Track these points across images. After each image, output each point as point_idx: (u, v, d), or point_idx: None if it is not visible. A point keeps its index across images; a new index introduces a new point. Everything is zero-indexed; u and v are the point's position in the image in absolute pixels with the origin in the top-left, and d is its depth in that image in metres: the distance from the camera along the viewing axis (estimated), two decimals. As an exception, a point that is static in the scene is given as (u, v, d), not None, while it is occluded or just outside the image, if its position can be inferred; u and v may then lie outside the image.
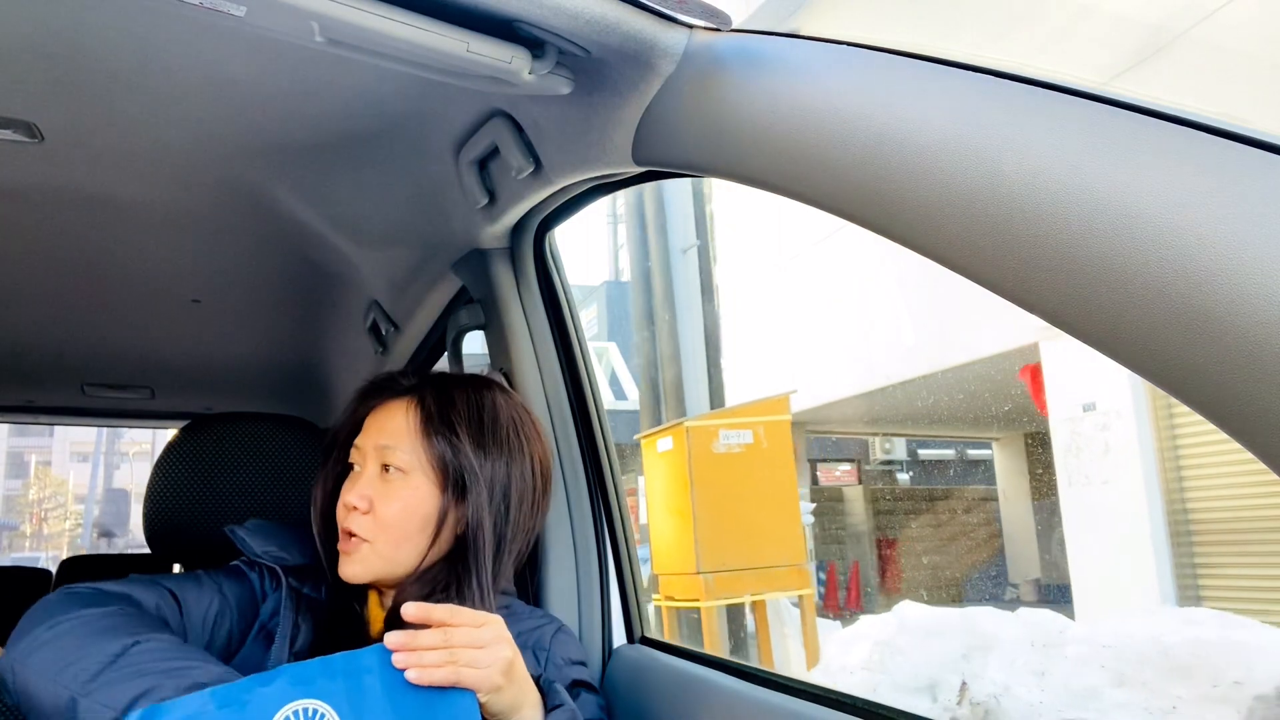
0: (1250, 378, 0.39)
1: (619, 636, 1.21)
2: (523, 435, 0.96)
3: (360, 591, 0.95)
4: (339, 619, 0.92)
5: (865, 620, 5.22)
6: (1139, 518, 5.36)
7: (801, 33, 0.68)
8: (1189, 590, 5.17)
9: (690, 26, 0.76)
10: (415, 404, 0.92)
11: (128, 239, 1.46)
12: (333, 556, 0.93)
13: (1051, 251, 0.46)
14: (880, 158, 0.56)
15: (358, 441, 0.94)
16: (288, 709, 0.65)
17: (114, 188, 1.26)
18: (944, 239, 0.53)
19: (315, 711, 0.66)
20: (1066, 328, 0.47)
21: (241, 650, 0.90)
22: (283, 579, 0.93)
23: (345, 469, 0.95)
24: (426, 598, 0.87)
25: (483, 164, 1.10)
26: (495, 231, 1.20)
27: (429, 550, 0.91)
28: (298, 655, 0.88)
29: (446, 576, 0.90)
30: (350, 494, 0.90)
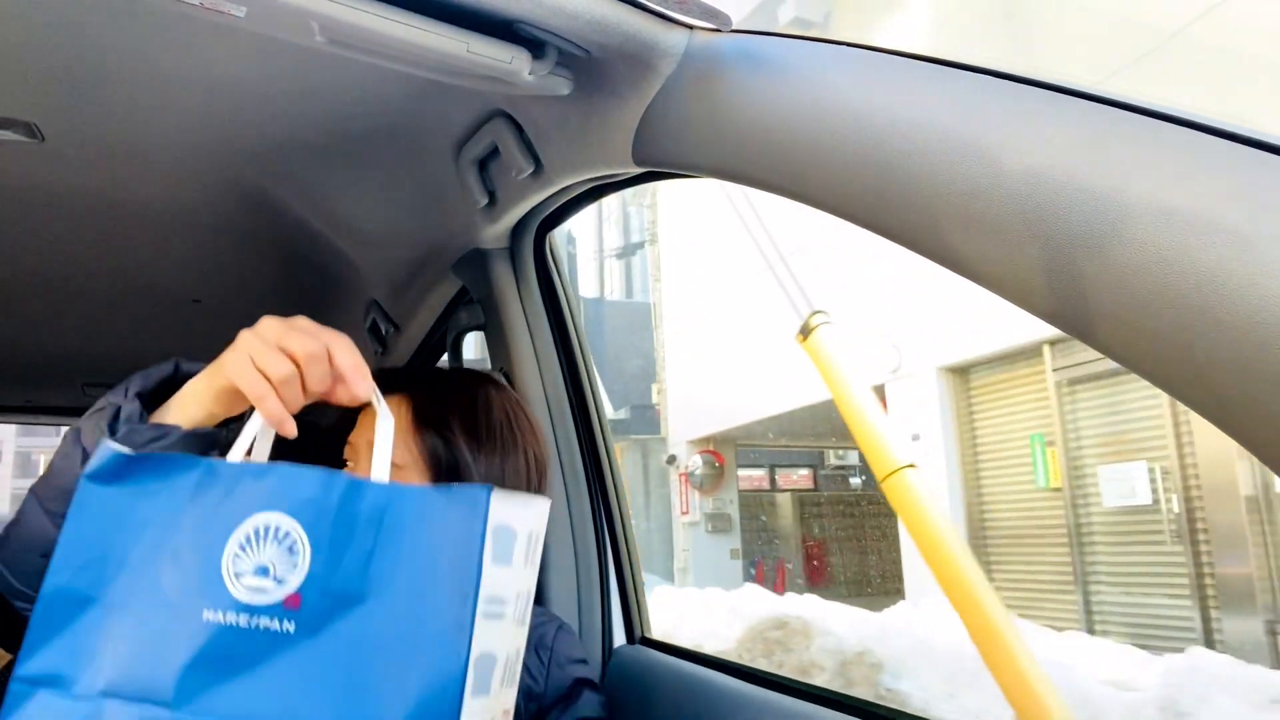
0: (1251, 378, 0.39)
1: (619, 636, 1.21)
2: (516, 430, 0.95)
3: None
4: None
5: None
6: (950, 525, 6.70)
7: (801, 33, 0.68)
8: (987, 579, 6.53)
9: (690, 27, 0.76)
10: (407, 400, 0.91)
11: (128, 239, 1.46)
12: None
13: (1052, 252, 0.46)
14: (880, 158, 0.56)
15: (351, 438, 0.93)
16: (261, 519, 0.61)
17: (114, 188, 1.26)
18: (944, 239, 0.53)
19: (287, 535, 0.60)
20: (1067, 328, 0.47)
21: None
22: None
23: (339, 465, 0.95)
24: None
25: (483, 164, 1.10)
26: (495, 232, 1.20)
27: None
28: None
29: None
30: None
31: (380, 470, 0.68)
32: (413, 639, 0.57)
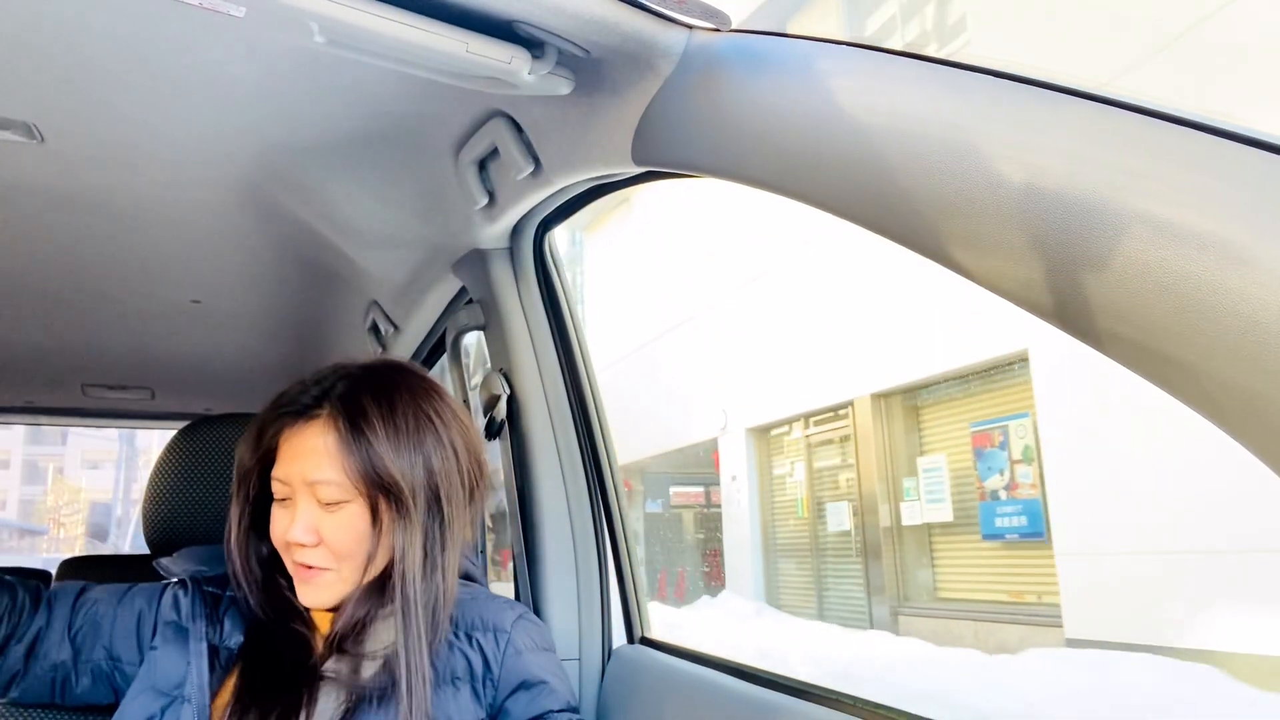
0: (1251, 378, 0.39)
1: (619, 636, 1.21)
2: (438, 422, 0.90)
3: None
4: (278, 630, 0.90)
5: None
6: (749, 540, 9.84)
7: (802, 33, 0.68)
8: (772, 580, 9.74)
9: (690, 27, 0.76)
10: (330, 424, 0.86)
11: (128, 239, 1.46)
12: (267, 584, 0.91)
13: (1052, 252, 0.46)
14: (880, 158, 0.56)
15: (279, 473, 0.87)
16: None
17: (114, 188, 1.26)
18: (944, 239, 0.53)
19: None
20: (1067, 328, 0.47)
21: (157, 652, 0.89)
22: (192, 586, 0.93)
23: (262, 497, 0.91)
24: (368, 612, 0.87)
25: (482, 164, 1.10)
26: (495, 232, 1.20)
27: (367, 566, 0.88)
28: (228, 651, 0.89)
29: (388, 586, 0.87)
30: (293, 529, 0.84)
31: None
32: None
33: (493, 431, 1.25)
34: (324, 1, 0.68)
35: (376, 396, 0.88)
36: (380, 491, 0.85)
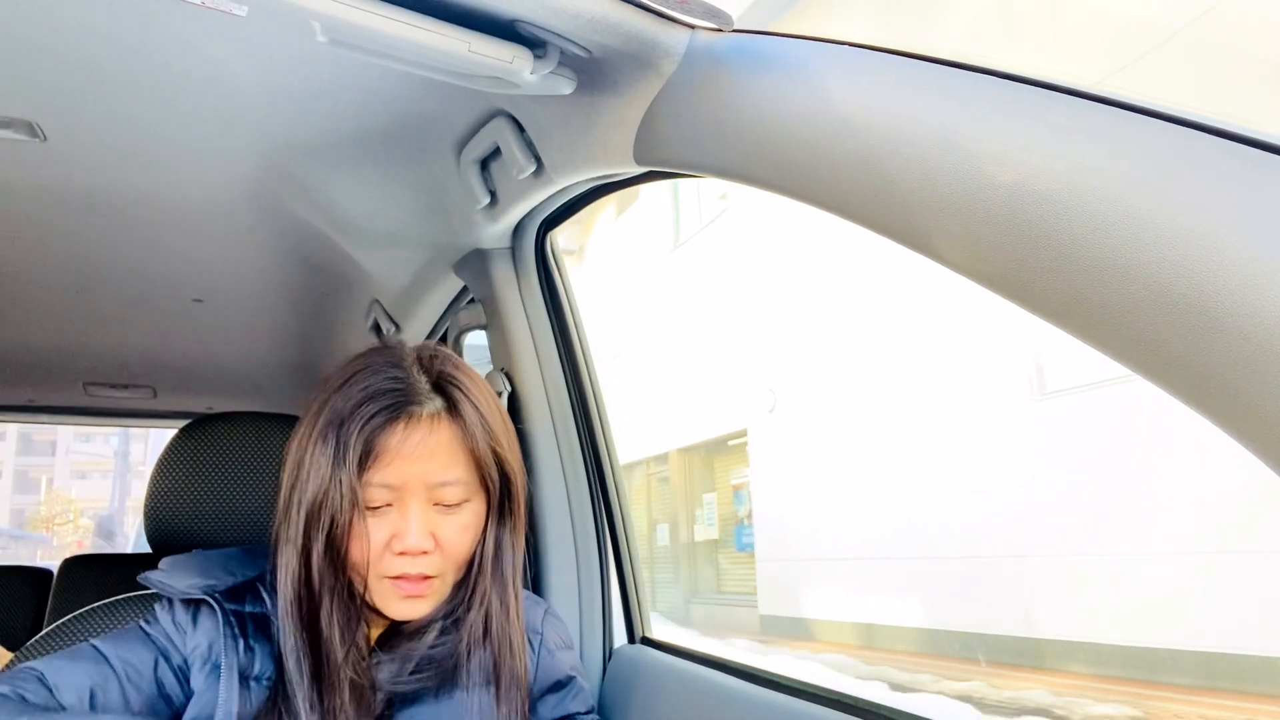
0: (1251, 378, 0.39)
1: (619, 636, 1.21)
2: (496, 399, 0.86)
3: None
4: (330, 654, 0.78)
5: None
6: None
7: (803, 33, 0.68)
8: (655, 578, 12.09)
9: (692, 27, 0.76)
10: (448, 418, 0.79)
11: (129, 239, 1.46)
12: (335, 599, 0.78)
13: (1052, 252, 0.46)
14: (882, 158, 0.56)
15: (384, 478, 0.76)
16: None
17: (115, 187, 1.26)
18: (945, 239, 0.53)
19: None
20: (1068, 328, 0.47)
21: (197, 690, 0.79)
22: (216, 608, 0.81)
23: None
24: (444, 607, 0.83)
25: (484, 164, 1.10)
26: (497, 231, 1.20)
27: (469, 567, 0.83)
28: (255, 681, 0.79)
29: (472, 582, 0.83)
30: (411, 537, 0.76)
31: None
32: None
33: (494, 431, 1.25)
34: (326, 1, 0.68)
35: (472, 384, 0.82)
36: (500, 486, 0.82)
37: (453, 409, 0.80)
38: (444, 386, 0.81)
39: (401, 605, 0.79)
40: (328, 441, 0.76)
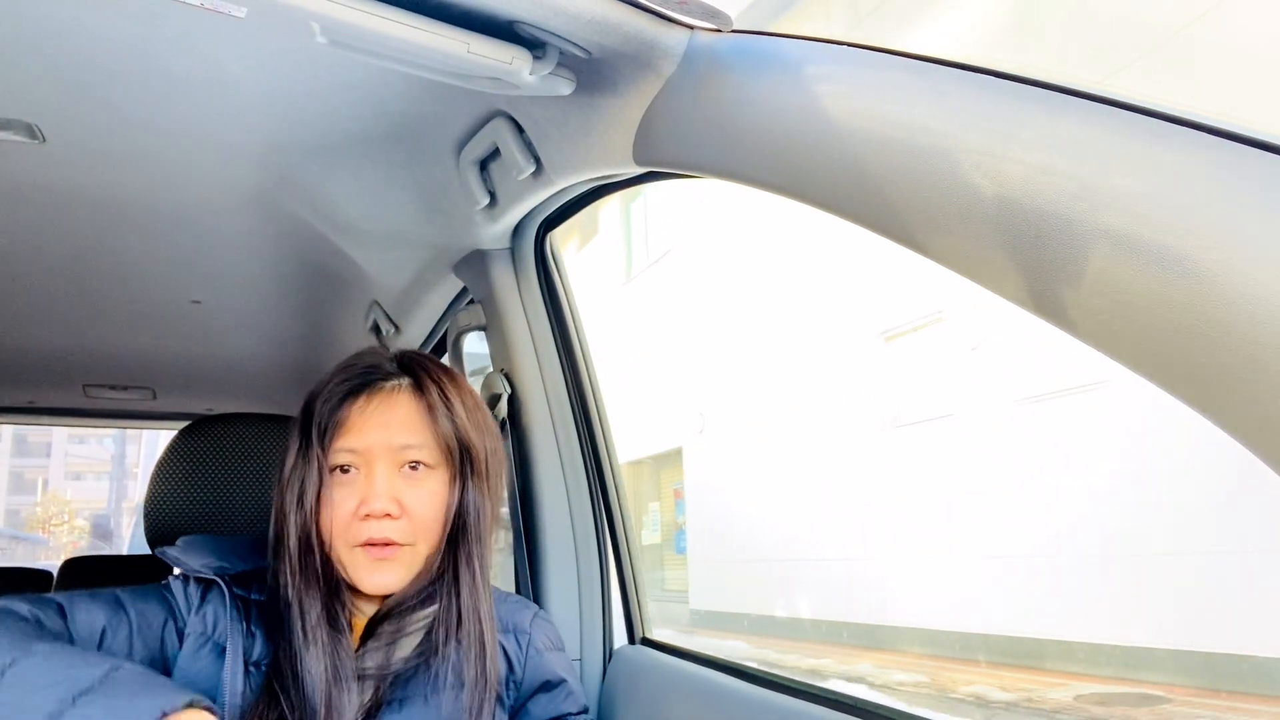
0: (1252, 378, 0.39)
1: (620, 637, 1.21)
2: (477, 398, 0.93)
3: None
4: (318, 636, 0.83)
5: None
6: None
7: (803, 34, 0.68)
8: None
9: (691, 27, 0.76)
10: (413, 392, 0.87)
11: (128, 239, 1.46)
12: (321, 570, 0.83)
13: (1053, 252, 0.46)
14: (882, 159, 0.56)
15: (349, 444, 0.84)
16: None
17: (114, 188, 1.26)
18: (945, 240, 0.53)
19: None
20: (1068, 329, 0.47)
21: (185, 662, 0.83)
22: (225, 590, 0.85)
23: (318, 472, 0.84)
24: (423, 589, 0.85)
25: (484, 165, 1.10)
26: (496, 232, 1.20)
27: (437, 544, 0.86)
28: (255, 666, 0.83)
29: (443, 564, 0.86)
30: (375, 499, 0.81)
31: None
32: None
33: (494, 431, 1.25)
34: (325, 2, 0.68)
35: (443, 373, 0.90)
36: (461, 458, 0.86)
37: (416, 385, 0.87)
38: (411, 368, 0.89)
39: (372, 574, 0.83)
40: (301, 421, 0.87)
